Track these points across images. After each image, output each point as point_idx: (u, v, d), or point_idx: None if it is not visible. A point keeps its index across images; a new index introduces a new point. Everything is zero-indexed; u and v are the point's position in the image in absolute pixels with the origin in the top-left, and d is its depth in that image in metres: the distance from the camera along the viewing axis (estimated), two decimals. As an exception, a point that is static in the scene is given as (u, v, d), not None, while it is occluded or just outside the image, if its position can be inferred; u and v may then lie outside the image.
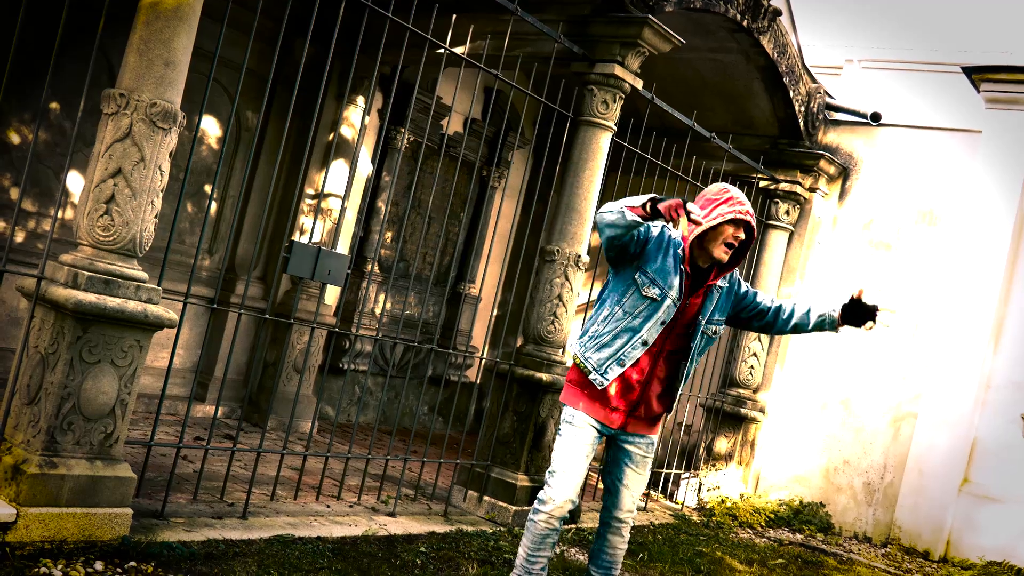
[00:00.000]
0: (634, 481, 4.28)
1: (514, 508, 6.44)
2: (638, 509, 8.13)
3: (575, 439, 4.17)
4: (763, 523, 8.69)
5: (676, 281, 4.10)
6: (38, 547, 3.96)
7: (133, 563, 4.09)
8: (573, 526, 6.83)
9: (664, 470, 9.08)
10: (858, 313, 4.27)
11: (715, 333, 4.25)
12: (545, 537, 4.13)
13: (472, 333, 9.62)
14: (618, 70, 6.66)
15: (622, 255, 4.09)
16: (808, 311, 4.36)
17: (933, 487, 8.58)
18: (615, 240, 3.98)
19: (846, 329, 4.35)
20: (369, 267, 8.48)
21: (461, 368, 9.54)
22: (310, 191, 8.01)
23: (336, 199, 7.89)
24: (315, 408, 6.00)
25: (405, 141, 8.21)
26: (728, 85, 9.02)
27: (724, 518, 8.54)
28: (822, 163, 9.32)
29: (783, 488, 9.41)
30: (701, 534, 7.73)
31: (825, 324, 4.32)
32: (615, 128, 6.87)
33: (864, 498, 9.03)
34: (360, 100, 8.08)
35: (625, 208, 3.84)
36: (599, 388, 4.11)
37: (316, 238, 7.72)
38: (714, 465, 9.29)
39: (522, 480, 6.55)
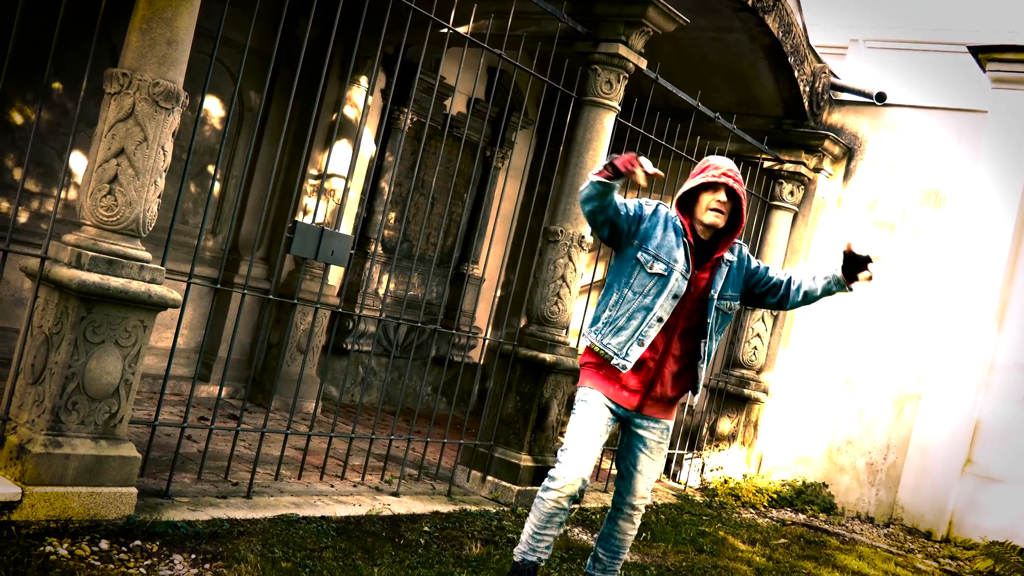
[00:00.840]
0: (648, 467, 4.25)
1: (517, 488, 6.46)
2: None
3: (589, 417, 4.12)
4: (766, 503, 8.71)
5: (681, 254, 4.09)
6: (43, 526, 3.98)
7: (138, 542, 4.11)
8: (576, 506, 6.85)
9: (667, 450, 9.07)
10: (854, 267, 4.23)
11: (730, 309, 4.23)
12: (553, 516, 4.09)
13: (475, 314, 9.61)
14: (622, 50, 6.63)
15: (615, 234, 4.10)
16: (814, 277, 4.34)
17: (936, 468, 8.60)
18: (597, 214, 4.00)
19: (856, 286, 4.26)
20: (372, 248, 8.47)
21: (464, 349, 9.55)
22: (313, 171, 7.99)
23: (339, 180, 7.87)
24: (319, 388, 6.02)
25: (408, 121, 8.19)
26: (733, 65, 8.98)
27: (727, 498, 8.56)
28: (827, 143, 9.29)
29: (786, 468, 9.42)
30: (704, 514, 7.75)
31: (832, 286, 4.26)
32: (619, 108, 6.84)
33: (867, 478, 9.04)
34: (363, 80, 8.06)
35: (591, 177, 3.90)
36: (622, 371, 4.09)
37: (319, 219, 7.71)
38: (717, 445, 9.31)
39: (525, 460, 6.56)
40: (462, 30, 6.33)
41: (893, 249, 9.24)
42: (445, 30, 5.84)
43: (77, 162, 6.64)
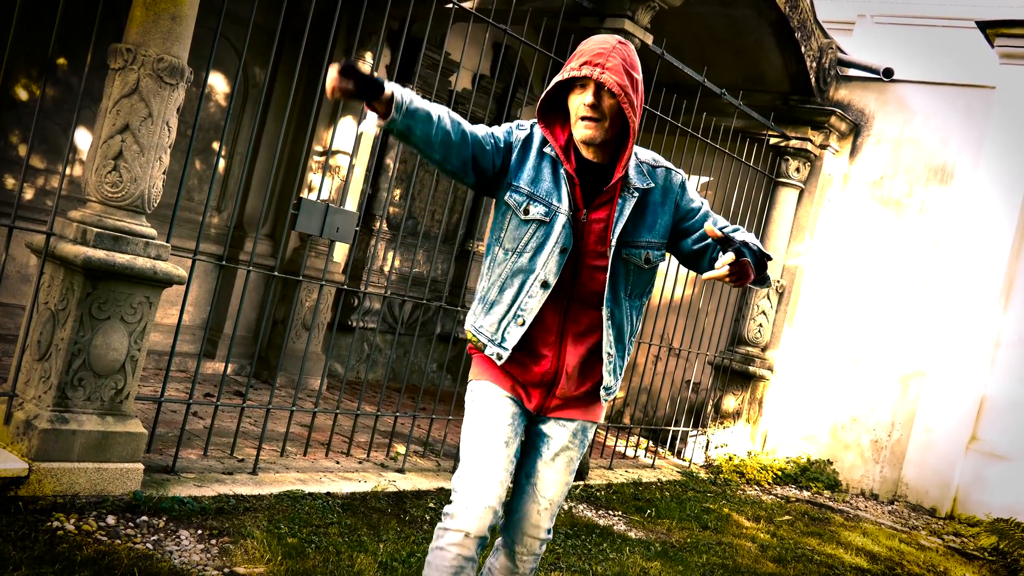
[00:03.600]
0: (547, 481, 2.95)
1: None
2: (645, 467, 8.18)
3: (485, 419, 2.89)
4: (770, 480, 8.73)
5: (564, 190, 2.87)
6: (50, 501, 4.00)
7: (145, 517, 4.13)
8: (582, 483, 6.86)
9: (672, 427, 9.11)
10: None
11: (647, 263, 2.93)
12: (458, 571, 2.74)
13: (481, 291, 9.60)
14: (628, 25, 6.59)
15: (482, 178, 2.90)
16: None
17: (941, 445, 8.61)
18: (440, 162, 2.80)
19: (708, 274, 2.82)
20: (377, 224, 8.46)
21: (470, 326, 9.53)
22: (318, 148, 7.97)
23: (344, 156, 7.86)
24: (324, 365, 6.02)
25: (413, 97, 8.14)
26: (739, 41, 8.93)
27: (732, 475, 8.58)
28: (833, 119, 9.24)
29: (791, 446, 9.44)
30: (708, 491, 7.77)
31: (705, 265, 2.98)
32: (625, 84, 6.80)
33: (871, 455, 9.05)
34: (368, 56, 8.02)
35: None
36: (499, 363, 2.91)
37: (324, 195, 7.70)
38: (722, 423, 9.32)
39: (530, 437, 6.56)
40: (467, 5, 6.29)
41: (899, 226, 9.21)
42: (450, 5, 5.80)
43: (82, 138, 6.63)
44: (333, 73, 2.48)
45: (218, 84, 7.55)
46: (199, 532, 4.13)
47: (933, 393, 8.70)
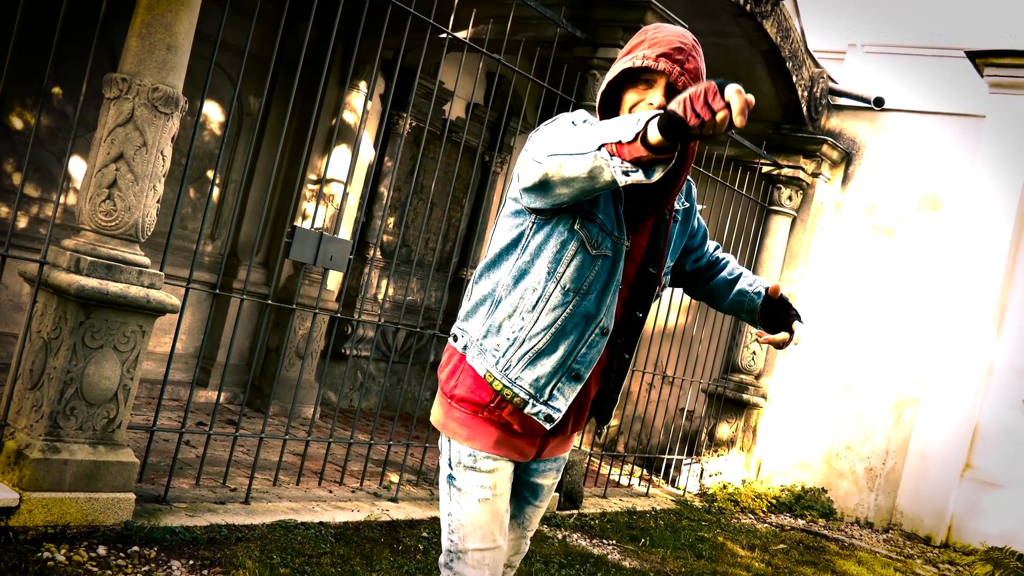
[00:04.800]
0: (532, 518, 2.77)
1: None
2: (639, 495, 8.16)
3: (483, 491, 2.50)
4: (765, 509, 8.70)
5: (619, 213, 2.44)
6: (41, 532, 3.97)
7: (136, 548, 4.10)
8: (576, 511, 6.84)
9: (666, 456, 9.09)
10: (775, 316, 2.70)
11: (663, 288, 2.66)
12: None
13: (474, 318, 9.60)
14: (621, 55, 6.63)
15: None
16: (735, 280, 2.79)
17: (935, 472, 8.59)
18: (563, 200, 2.31)
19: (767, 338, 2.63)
20: (371, 252, 8.47)
21: (463, 353, 9.51)
22: (312, 176, 7.99)
23: (338, 184, 7.87)
24: (317, 394, 6.01)
25: (407, 126, 8.17)
26: (731, 69, 8.98)
27: (726, 504, 8.55)
28: (825, 148, 9.30)
29: (785, 474, 9.42)
30: (703, 519, 7.74)
31: (743, 314, 2.77)
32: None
33: (866, 483, 9.04)
34: (362, 85, 8.06)
35: (601, 154, 2.07)
36: (547, 425, 2.46)
37: (318, 223, 7.71)
38: (716, 451, 9.30)
39: (524, 465, 6.54)
40: (461, 35, 6.33)
41: (891, 253, 9.24)
42: (444, 35, 5.84)
43: (76, 167, 6.64)
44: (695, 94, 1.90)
45: (213, 113, 7.58)
46: (191, 562, 4.11)
47: (927, 420, 8.69)
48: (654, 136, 1.94)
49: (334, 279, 8.37)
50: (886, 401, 9.02)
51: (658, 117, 1.94)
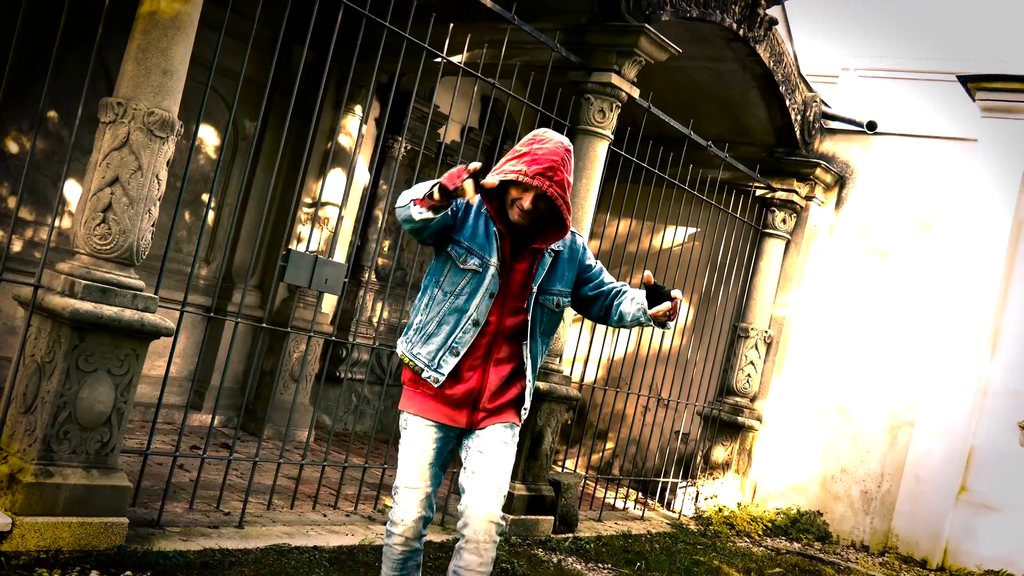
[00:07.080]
0: (485, 468, 3.50)
1: (512, 517, 6.43)
2: (634, 518, 8.13)
3: (415, 446, 3.52)
4: (760, 532, 8.68)
5: (494, 245, 3.49)
6: (34, 556, 3.95)
7: (129, 572, 4.08)
8: (571, 535, 6.82)
9: (661, 479, 9.07)
10: (657, 298, 3.46)
11: (558, 307, 3.61)
12: (405, 560, 3.58)
13: (469, 341, 9.60)
14: (615, 79, 6.67)
15: (441, 239, 3.50)
16: (632, 299, 3.63)
17: (930, 495, 8.58)
18: (423, 236, 3.41)
19: (662, 321, 3.47)
20: (366, 276, 8.47)
21: (458, 377, 9.50)
22: (307, 199, 8.01)
23: (333, 207, 7.88)
24: (312, 417, 6.00)
25: (402, 150, 8.21)
26: (724, 94, 9.04)
27: (721, 527, 8.53)
28: (818, 171, 9.33)
29: (780, 497, 9.40)
30: (698, 543, 7.72)
31: (641, 317, 3.54)
32: (612, 137, 6.88)
33: (861, 506, 9.02)
34: (357, 109, 8.09)
35: (411, 204, 3.27)
36: (436, 385, 3.48)
37: (313, 247, 7.72)
38: (711, 474, 9.28)
39: (519, 489, 6.53)
40: (456, 59, 6.37)
41: (885, 276, 9.27)
42: (439, 59, 5.87)
43: (71, 190, 6.65)
44: (455, 172, 3.14)
45: (208, 137, 7.60)
46: (184, 587, 4.08)
47: (922, 443, 8.69)
48: (433, 196, 3.20)
49: (329, 302, 8.37)
50: (881, 424, 9.02)
51: (438, 184, 3.17)
